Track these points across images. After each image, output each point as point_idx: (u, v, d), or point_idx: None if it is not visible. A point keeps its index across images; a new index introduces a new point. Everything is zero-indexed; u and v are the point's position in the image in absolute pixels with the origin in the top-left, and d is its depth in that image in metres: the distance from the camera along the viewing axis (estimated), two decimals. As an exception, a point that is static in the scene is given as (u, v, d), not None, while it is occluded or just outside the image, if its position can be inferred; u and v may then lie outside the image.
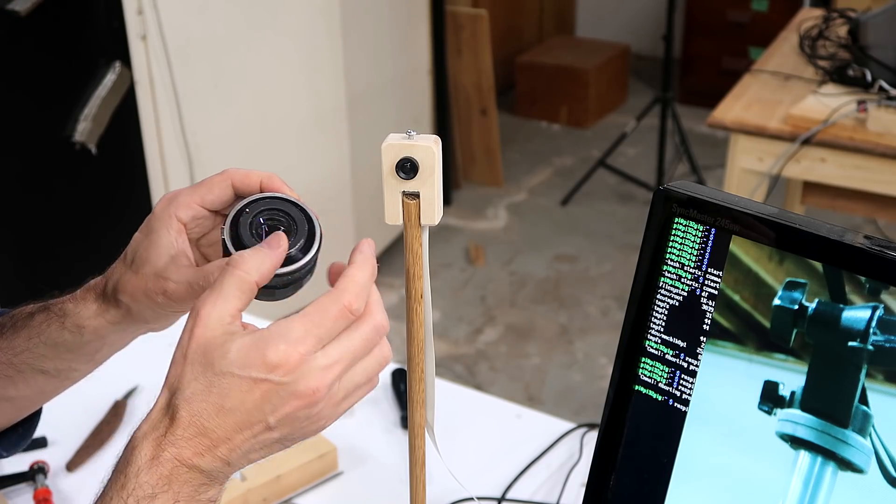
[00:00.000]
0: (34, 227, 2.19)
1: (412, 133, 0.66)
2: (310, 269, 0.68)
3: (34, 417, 0.81)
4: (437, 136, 0.67)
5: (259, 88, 2.64)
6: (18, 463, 1.16)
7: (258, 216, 0.67)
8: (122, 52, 2.23)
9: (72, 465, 1.17)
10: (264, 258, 0.63)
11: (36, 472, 1.14)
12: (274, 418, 0.60)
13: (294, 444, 0.64)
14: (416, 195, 0.67)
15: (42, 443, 1.20)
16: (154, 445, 0.60)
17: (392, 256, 3.35)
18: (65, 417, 1.06)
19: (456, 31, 3.71)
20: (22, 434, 0.81)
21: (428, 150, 0.65)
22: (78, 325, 0.74)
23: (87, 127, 2.16)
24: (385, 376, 1.32)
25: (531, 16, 4.92)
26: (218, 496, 0.63)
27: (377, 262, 0.66)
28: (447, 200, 3.70)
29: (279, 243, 0.65)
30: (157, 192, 2.41)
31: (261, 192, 0.70)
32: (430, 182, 0.66)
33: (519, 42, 4.78)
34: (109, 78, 2.20)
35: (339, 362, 0.61)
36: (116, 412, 1.25)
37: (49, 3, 1.99)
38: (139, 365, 1.08)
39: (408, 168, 0.66)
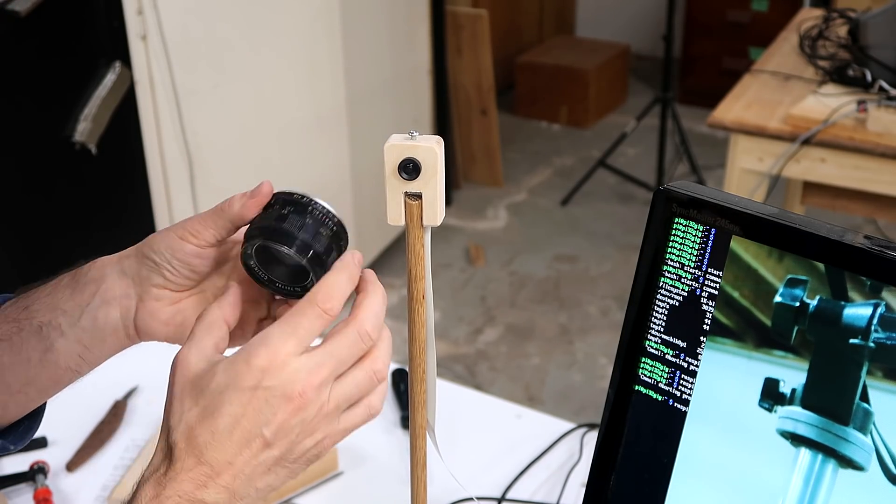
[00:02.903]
0: (34, 227, 2.19)
1: (414, 133, 0.66)
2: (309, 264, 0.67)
3: (39, 411, 0.81)
4: (440, 137, 0.67)
5: (259, 88, 2.64)
6: (18, 463, 1.16)
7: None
8: (122, 52, 2.23)
9: (72, 465, 1.17)
10: (222, 301, 0.67)
11: (36, 472, 1.14)
12: (269, 430, 0.60)
13: (299, 470, 0.64)
14: (418, 196, 0.67)
15: (42, 443, 1.20)
16: (155, 485, 0.60)
17: (393, 256, 3.36)
18: (65, 417, 1.06)
19: (456, 31, 3.71)
20: (28, 427, 0.80)
21: (430, 150, 0.65)
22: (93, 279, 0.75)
23: (87, 127, 2.16)
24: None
25: (531, 16, 4.92)
26: None
27: (371, 271, 0.67)
28: (447, 200, 3.71)
29: (234, 288, 0.68)
30: (157, 192, 2.41)
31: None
32: (433, 183, 0.66)
33: (519, 42, 4.78)
34: (109, 78, 2.20)
35: (324, 365, 0.61)
36: (116, 412, 1.25)
37: (49, 3, 1.99)
38: (139, 365, 1.08)
39: (410, 169, 0.66)
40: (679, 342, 0.76)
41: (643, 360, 0.78)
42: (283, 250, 0.65)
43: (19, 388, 0.75)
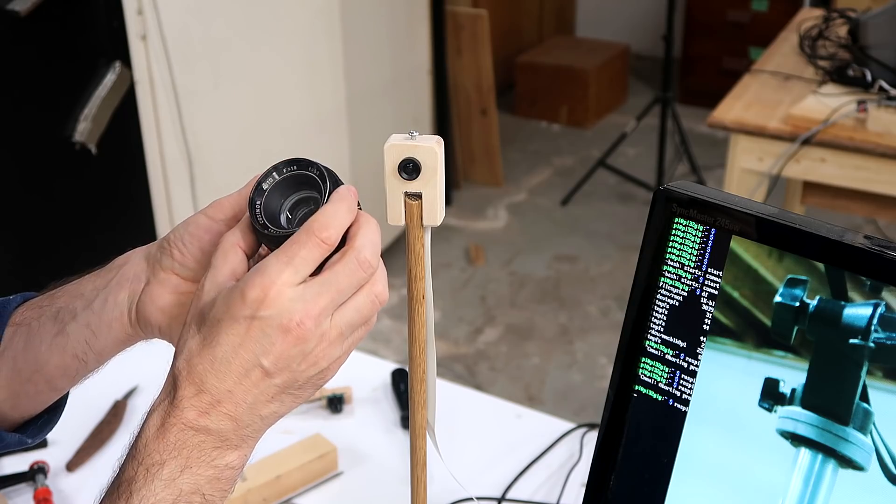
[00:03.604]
0: (34, 226, 2.19)
1: (414, 133, 0.66)
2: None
3: (59, 405, 0.81)
4: (440, 137, 0.67)
5: (259, 88, 2.64)
6: (18, 463, 1.16)
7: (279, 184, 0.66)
8: (122, 52, 2.23)
9: (72, 465, 1.17)
10: (237, 227, 0.65)
11: (36, 472, 1.14)
12: (267, 360, 0.60)
13: (306, 397, 0.63)
14: (418, 196, 0.67)
15: (42, 443, 1.20)
16: (161, 414, 0.61)
17: (393, 256, 3.35)
18: (65, 417, 1.06)
19: (456, 31, 3.71)
20: (47, 420, 0.80)
21: (430, 150, 0.65)
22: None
23: (87, 127, 2.16)
24: (385, 376, 1.32)
25: (531, 16, 4.92)
26: (239, 463, 0.62)
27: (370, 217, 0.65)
28: (447, 200, 3.70)
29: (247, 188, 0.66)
30: (157, 192, 2.41)
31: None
32: (433, 183, 0.66)
33: (519, 42, 4.78)
34: (109, 78, 2.20)
35: (322, 295, 0.60)
36: (116, 412, 1.25)
37: (49, 3, 1.99)
38: (139, 365, 1.08)
39: (410, 169, 0.66)
40: (679, 342, 0.76)
41: (643, 360, 0.78)
42: (307, 169, 0.65)
43: (29, 375, 0.75)
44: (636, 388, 0.79)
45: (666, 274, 0.76)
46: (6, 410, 0.77)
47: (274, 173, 0.65)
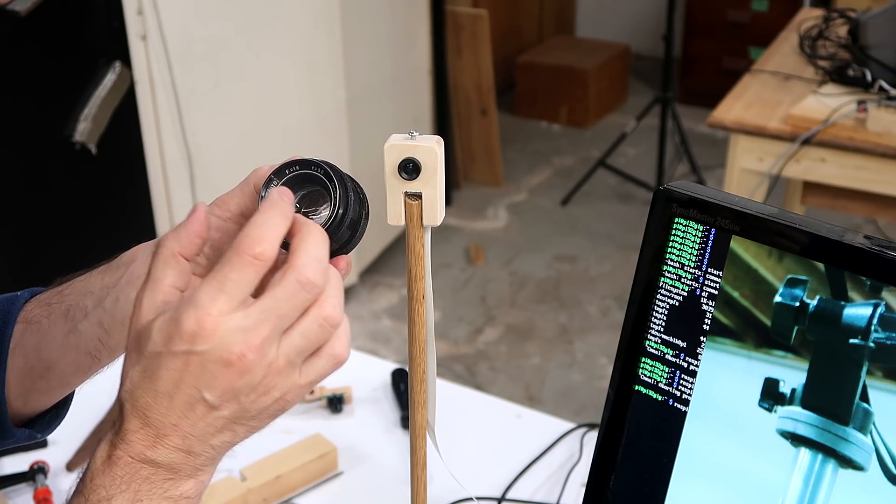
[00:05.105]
0: (34, 227, 2.19)
1: (414, 133, 0.66)
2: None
3: (66, 401, 0.81)
4: (440, 137, 0.67)
5: (259, 88, 2.64)
6: (18, 463, 1.16)
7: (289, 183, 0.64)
8: (122, 52, 2.23)
9: (72, 465, 1.17)
10: (180, 228, 0.60)
11: (36, 472, 1.14)
12: (211, 394, 0.56)
13: (262, 425, 0.59)
14: (418, 196, 0.67)
15: (42, 443, 1.20)
16: (108, 446, 0.57)
17: (393, 256, 3.36)
18: (65, 417, 1.06)
19: (456, 31, 3.71)
20: (55, 415, 0.80)
21: (430, 150, 0.65)
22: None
23: (87, 127, 2.16)
24: (385, 376, 1.32)
25: (531, 16, 4.92)
26: (195, 491, 0.59)
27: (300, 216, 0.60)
28: (447, 200, 3.71)
29: (195, 210, 0.61)
30: (157, 192, 2.41)
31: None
32: (433, 183, 0.66)
33: (519, 42, 4.78)
34: (109, 78, 2.21)
35: (263, 322, 0.55)
36: (117, 412, 1.25)
37: (49, 3, 1.99)
38: (140, 365, 1.08)
39: (410, 169, 0.66)
40: (679, 342, 0.76)
41: (643, 360, 0.78)
42: (315, 169, 0.63)
43: (42, 372, 0.75)
44: (636, 388, 0.79)
45: (666, 274, 0.76)
46: (18, 406, 0.77)
47: (275, 179, 0.64)
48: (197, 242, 0.60)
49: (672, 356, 0.77)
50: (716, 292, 0.74)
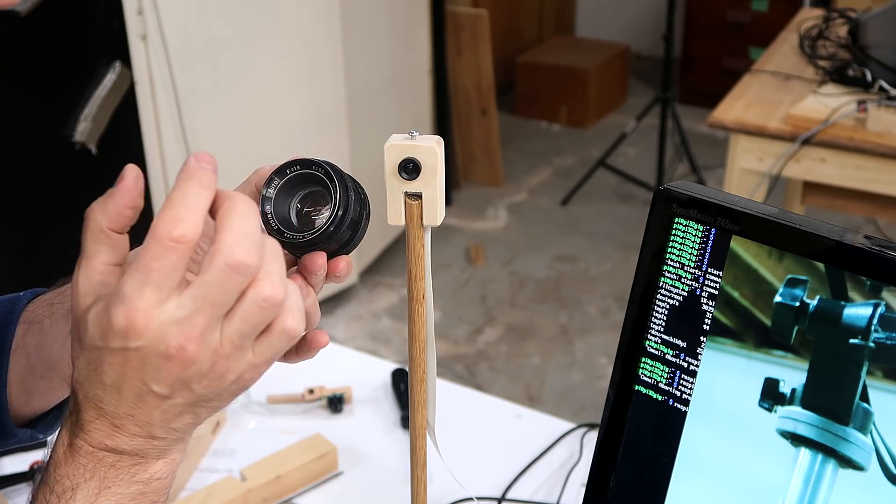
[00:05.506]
0: (35, 226, 2.19)
1: (415, 133, 0.66)
2: (328, 234, 0.62)
3: (68, 400, 0.81)
4: (440, 137, 0.67)
5: (259, 88, 2.64)
6: (19, 463, 1.16)
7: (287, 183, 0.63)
8: (122, 52, 2.23)
9: (72, 465, 1.17)
10: (108, 199, 0.55)
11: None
12: (158, 386, 0.53)
13: (224, 404, 0.56)
14: (418, 196, 0.67)
15: (43, 443, 1.19)
16: (68, 434, 0.55)
17: (393, 256, 3.36)
18: (65, 417, 1.06)
19: (456, 31, 3.71)
20: (56, 415, 0.80)
21: (430, 150, 0.65)
22: None
23: (87, 127, 2.16)
24: (385, 376, 1.32)
25: (531, 16, 4.92)
26: (166, 471, 0.57)
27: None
28: (447, 200, 3.71)
29: (123, 176, 0.56)
30: (157, 192, 2.41)
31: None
32: (433, 183, 0.66)
33: (519, 42, 4.78)
34: (109, 78, 2.21)
35: (198, 312, 0.51)
36: (117, 412, 1.25)
37: (49, 3, 1.99)
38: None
39: (410, 169, 0.66)
40: (679, 342, 0.76)
41: (643, 360, 0.78)
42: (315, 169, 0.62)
43: (43, 372, 0.75)
44: (636, 388, 0.79)
45: (666, 274, 0.76)
46: (19, 407, 0.77)
47: (276, 178, 0.63)
48: (127, 214, 0.55)
49: (672, 356, 0.77)
50: (716, 292, 0.74)
